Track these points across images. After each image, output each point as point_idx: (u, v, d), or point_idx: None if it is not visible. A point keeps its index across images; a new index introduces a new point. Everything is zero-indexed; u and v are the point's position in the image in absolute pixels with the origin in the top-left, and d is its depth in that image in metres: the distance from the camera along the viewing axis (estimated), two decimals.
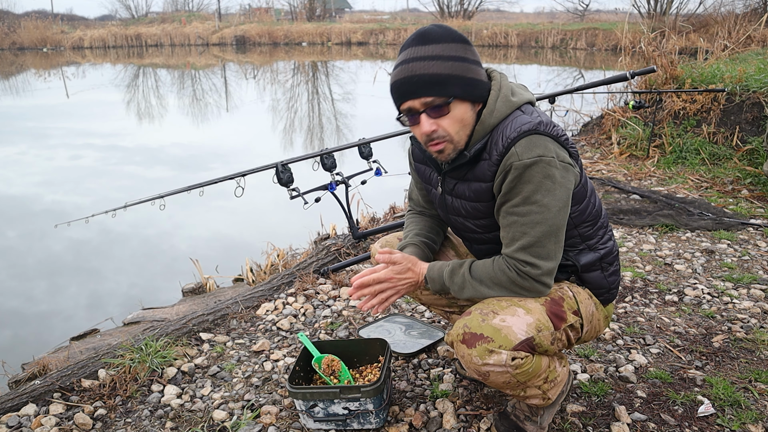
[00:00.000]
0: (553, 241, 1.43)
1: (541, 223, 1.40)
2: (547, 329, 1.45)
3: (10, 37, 30.40)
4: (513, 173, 1.38)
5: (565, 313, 1.51)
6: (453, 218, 1.65)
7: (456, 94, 1.39)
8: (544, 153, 1.37)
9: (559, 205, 1.41)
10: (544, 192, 1.38)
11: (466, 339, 1.42)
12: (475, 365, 1.42)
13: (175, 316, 2.97)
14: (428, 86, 1.37)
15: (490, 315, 1.42)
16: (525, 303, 1.46)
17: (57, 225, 3.80)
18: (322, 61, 23.15)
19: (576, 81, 13.72)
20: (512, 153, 1.38)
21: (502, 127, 1.42)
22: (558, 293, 1.53)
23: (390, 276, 1.56)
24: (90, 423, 1.91)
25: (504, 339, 1.39)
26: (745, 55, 7.72)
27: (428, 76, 1.36)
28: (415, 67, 1.37)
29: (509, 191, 1.41)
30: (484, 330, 1.40)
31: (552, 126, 1.43)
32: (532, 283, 1.44)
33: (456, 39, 1.39)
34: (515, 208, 1.41)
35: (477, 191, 1.50)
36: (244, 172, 2.96)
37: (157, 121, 10.69)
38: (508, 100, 1.45)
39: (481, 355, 1.40)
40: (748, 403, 1.89)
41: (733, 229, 3.59)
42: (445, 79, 1.36)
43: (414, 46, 1.39)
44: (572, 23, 28.32)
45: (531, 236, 1.41)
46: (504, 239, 1.47)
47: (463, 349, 1.43)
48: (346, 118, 10.54)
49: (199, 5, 42.95)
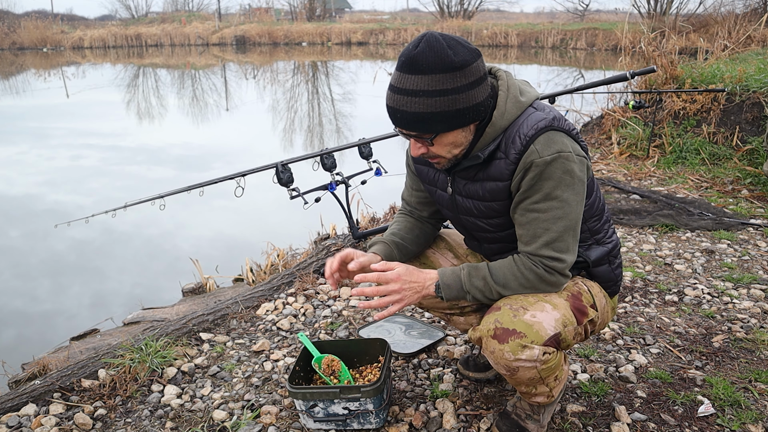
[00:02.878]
0: (572, 235, 1.45)
1: (563, 218, 1.42)
2: (571, 324, 1.48)
3: (10, 37, 30.40)
4: (534, 170, 1.39)
5: (586, 308, 1.53)
6: (464, 218, 1.64)
7: (439, 130, 1.39)
8: (563, 149, 1.39)
9: (578, 199, 1.44)
10: (563, 187, 1.40)
11: (497, 334, 1.43)
12: (506, 360, 1.43)
13: (175, 316, 2.98)
14: (411, 124, 1.38)
15: (521, 311, 1.43)
16: (550, 299, 1.48)
17: (57, 225, 3.80)
18: (322, 61, 23.14)
19: (576, 81, 13.72)
20: (532, 150, 1.39)
21: (516, 126, 1.43)
22: (575, 288, 1.55)
23: (398, 277, 1.49)
24: (90, 423, 1.91)
25: (536, 335, 1.40)
26: (745, 55, 7.72)
27: (410, 115, 1.35)
28: (400, 101, 1.36)
29: (529, 188, 1.41)
30: (516, 325, 1.41)
31: (564, 121, 1.45)
32: (558, 277, 1.46)
33: (445, 67, 1.31)
34: (536, 205, 1.42)
35: (492, 190, 1.49)
36: (244, 172, 2.96)
37: (157, 121, 10.69)
38: (517, 100, 1.45)
39: (513, 350, 1.41)
40: (748, 403, 1.89)
41: (733, 229, 3.59)
42: (428, 117, 1.35)
43: (402, 73, 1.34)
44: (572, 23, 28.31)
45: (554, 232, 1.42)
46: (523, 237, 1.47)
47: (494, 345, 1.43)
48: (346, 118, 10.54)
49: (199, 5, 42.98)
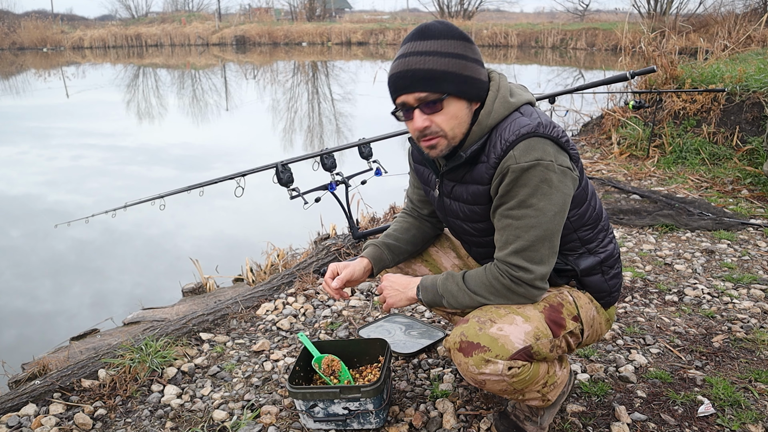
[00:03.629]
0: (547, 246, 1.41)
1: (536, 227, 1.38)
2: (545, 337, 1.44)
3: (10, 37, 30.41)
4: (510, 176, 1.37)
5: (564, 320, 1.49)
6: (451, 221, 1.64)
7: (450, 91, 1.37)
8: (543, 156, 1.36)
9: (555, 210, 1.39)
10: (540, 196, 1.37)
11: (462, 347, 1.41)
12: (471, 374, 1.42)
13: (175, 316, 2.98)
14: (422, 81, 1.36)
15: (488, 323, 1.41)
16: (524, 311, 1.44)
17: (57, 225, 3.80)
18: (322, 61, 23.14)
19: (576, 81, 13.71)
20: (510, 156, 1.37)
21: (500, 129, 1.41)
22: (557, 299, 1.52)
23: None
24: (90, 423, 1.91)
25: (501, 348, 1.38)
26: (745, 55, 7.71)
27: (423, 72, 1.35)
28: (411, 61, 1.36)
29: (505, 194, 1.40)
30: (480, 339, 1.39)
31: (552, 127, 1.41)
32: (526, 288, 1.43)
33: (456, 36, 1.38)
34: (510, 211, 1.40)
35: (474, 194, 1.49)
36: (244, 172, 2.96)
37: (157, 121, 10.69)
38: (506, 101, 1.43)
39: (477, 364, 1.39)
40: (748, 403, 1.89)
41: (733, 229, 3.59)
42: (440, 75, 1.35)
43: (413, 41, 1.38)
44: (572, 23, 28.31)
45: (525, 240, 1.39)
46: (497, 242, 1.46)
47: (460, 358, 1.42)
48: (346, 118, 10.54)
49: (199, 5, 43.01)
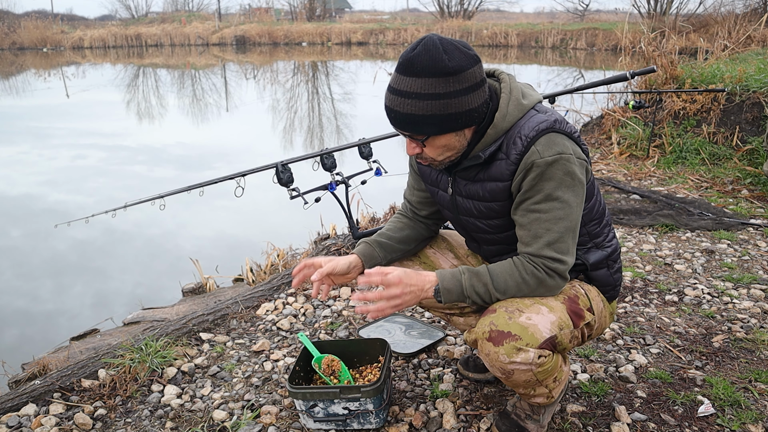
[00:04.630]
0: (572, 237, 1.46)
1: (564, 219, 1.42)
2: (567, 327, 1.47)
3: (10, 37, 30.38)
4: (535, 171, 1.40)
5: (582, 311, 1.53)
6: (464, 219, 1.64)
7: (432, 133, 1.41)
8: (564, 150, 1.40)
9: (578, 201, 1.44)
10: (564, 188, 1.41)
11: (492, 337, 1.42)
12: (501, 363, 1.42)
13: (175, 316, 2.98)
14: (405, 125, 1.41)
15: (516, 313, 1.43)
16: (547, 301, 1.48)
17: (57, 225, 3.80)
18: (322, 61, 23.14)
19: (576, 81, 13.71)
20: (533, 151, 1.40)
21: (518, 127, 1.44)
22: (572, 291, 1.55)
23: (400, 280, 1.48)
24: (90, 423, 1.91)
25: (531, 337, 1.40)
26: (745, 55, 7.72)
27: (404, 116, 1.39)
28: (395, 102, 1.39)
29: (530, 188, 1.42)
30: (511, 328, 1.41)
31: (566, 123, 1.46)
32: (557, 280, 1.46)
33: (438, 72, 1.33)
34: (537, 205, 1.43)
35: (493, 191, 1.50)
36: (244, 172, 2.95)
37: (157, 121, 10.69)
38: (519, 103, 1.46)
39: (508, 353, 1.40)
40: (748, 403, 1.89)
41: (733, 229, 3.59)
42: (419, 119, 1.38)
43: (399, 75, 1.38)
44: (572, 23, 28.30)
45: (555, 232, 1.42)
46: (524, 238, 1.47)
47: (489, 347, 1.43)
48: (346, 118, 10.54)
49: (199, 5, 42.95)
